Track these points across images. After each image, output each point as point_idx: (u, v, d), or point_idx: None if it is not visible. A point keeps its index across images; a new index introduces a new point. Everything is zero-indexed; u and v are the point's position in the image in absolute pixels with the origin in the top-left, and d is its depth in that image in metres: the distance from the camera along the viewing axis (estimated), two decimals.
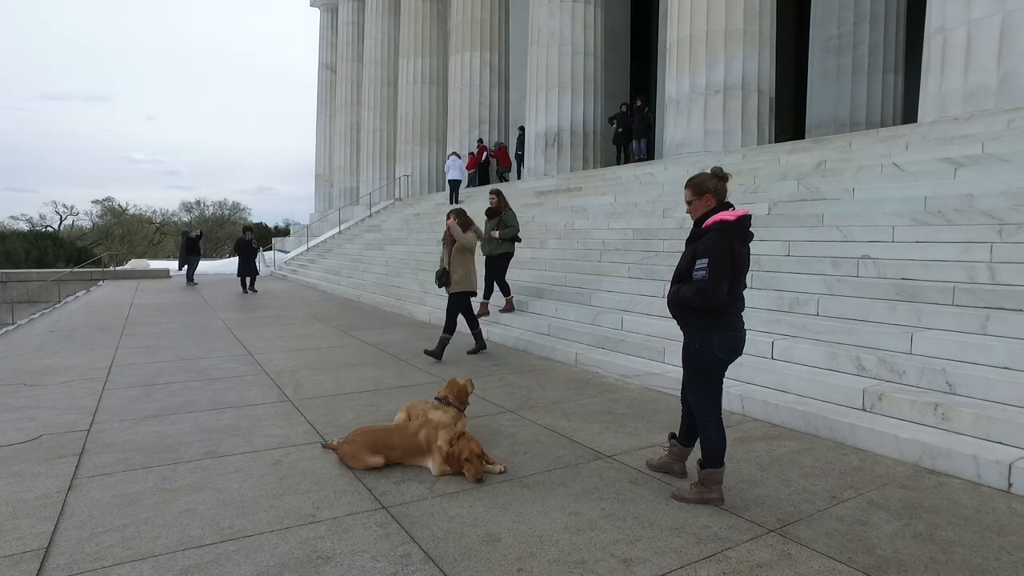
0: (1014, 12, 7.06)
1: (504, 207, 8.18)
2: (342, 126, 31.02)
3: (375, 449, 3.52)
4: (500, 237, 8.03)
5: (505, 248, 8.15)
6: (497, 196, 8.21)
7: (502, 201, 8.19)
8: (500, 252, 8.13)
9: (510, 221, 8.12)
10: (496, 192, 8.27)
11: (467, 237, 6.72)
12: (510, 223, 8.11)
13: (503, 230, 8.05)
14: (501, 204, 8.16)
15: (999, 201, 5.59)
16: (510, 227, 8.09)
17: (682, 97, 11.72)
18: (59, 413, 4.67)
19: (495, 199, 8.19)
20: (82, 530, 2.79)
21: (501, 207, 8.15)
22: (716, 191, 3.05)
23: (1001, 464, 3.23)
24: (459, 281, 6.61)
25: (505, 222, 8.09)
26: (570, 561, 2.52)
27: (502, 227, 8.07)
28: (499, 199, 8.18)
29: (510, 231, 8.08)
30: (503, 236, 8.04)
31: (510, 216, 8.16)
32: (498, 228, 8.07)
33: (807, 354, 4.84)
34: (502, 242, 8.09)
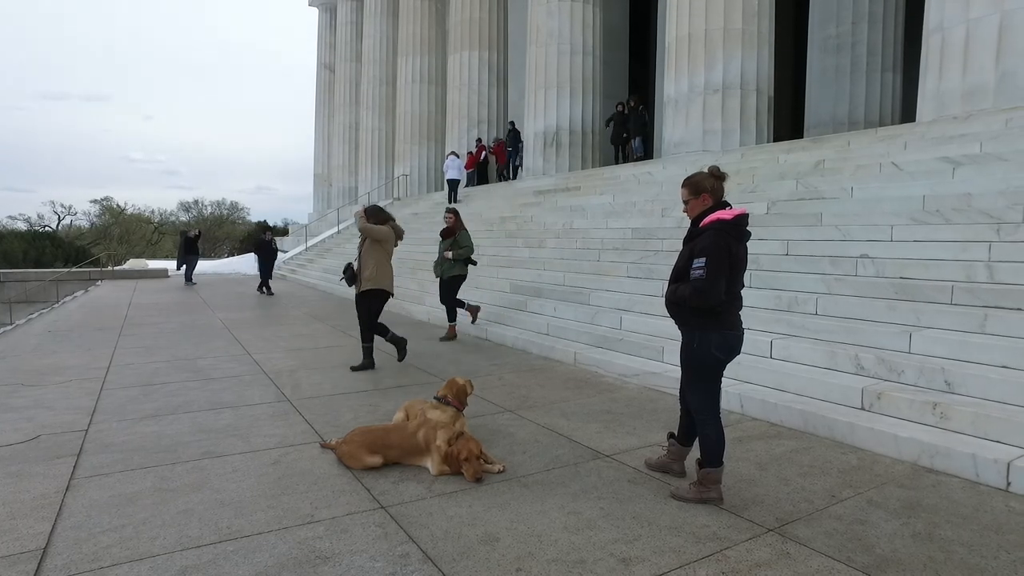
0: (1012, 11, 7.07)
1: (459, 227, 7.82)
2: (341, 126, 30.99)
3: (373, 449, 3.51)
4: (453, 258, 7.65)
5: (458, 270, 7.79)
6: (454, 215, 7.87)
7: (458, 221, 7.84)
8: (453, 274, 7.77)
9: (464, 241, 7.73)
10: (453, 211, 7.92)
11: (376, 229, 6.07)
12: (464, 243, 7.72)
13: (457, 251, 7.65)
14: (456, 224, 7.80)
15: (997, 200, 5.59)
16: (464, 248, 7.70)
17: (681, 96, 11.72)
18: (57, 413, 4.66)
19: (451, 218, 7.83)
20: (80, 530, 2.78)
21: (456, 227, 7.77)
22: (713, 190, 3.05)
23: (999, 463, 3.24)
24: (368, 279, 6.01)
25: (459, 242, 7.70)
26: (569, 561, 2.51)
27: (456, 247, 7.67)
28: (455, 218, 7.83)
29: (464, 252, 7.69)
30: (456, 257, 7.65)
31: (464, 236, 7.78)
32: (452, 248, 7.68)
33: (806, 353, 4.84)
34: (455, 263, 7.71)
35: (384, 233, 6.08)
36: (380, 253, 6.07)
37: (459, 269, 7.76)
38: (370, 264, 6.00)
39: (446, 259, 7.65)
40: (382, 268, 6.05)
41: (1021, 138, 6.49)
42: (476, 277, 10.39)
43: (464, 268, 7.81)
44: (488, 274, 10.33)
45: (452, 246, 7.68)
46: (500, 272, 10.18)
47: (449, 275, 7.73)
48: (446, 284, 7.82)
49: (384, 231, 6.10)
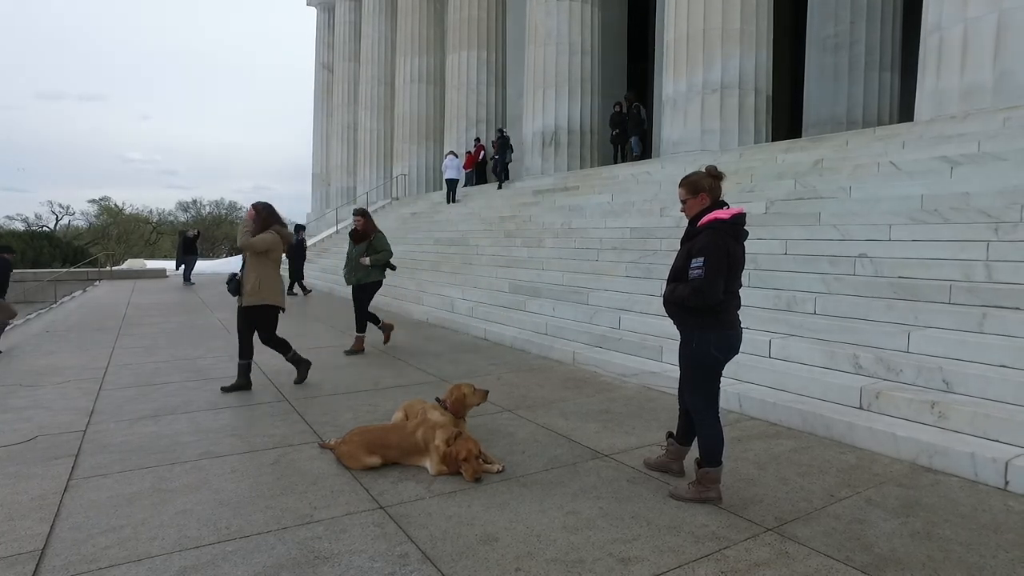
0: (1011, 11, 7.07)
1: (373, 229, 7.17)
2: (339, 125, 30.98)
3: (373, 449, 3.51)
4: (371, 264, 7.02)
5: (375, 276, 7.17)
6: (363, 217, 7.16)
7: (369, 223, 7.18)
8: (370, 281, 7.14)
9: (381, 245, 7.10)
10: (361, 212, 7.21)
11: (258, 241, 5.29)
12: (381, 247, 7.09)
13: (374, 256, 7.02)
14: (369, 226, 7.14)
15: (995, 199, 5.60)
16: (382, 252, 7.08)
17: (679, 96, 11.73)
18: (55, 414, 4.65)
19: (361, 220, 7.13)
20: (78, 531, 2.77)
21: (369, 230, 7.13)
22: (711, 190, 3.05)
23: (998, 462, 3.24)
24: (251, 293, 5.30)
25: (375, 246, 7.07)
26: (568, 560, 2.51)
27: (372, 252, 7.03)
28: (365, 220, 7.15)
29: (382, 256, 7.08)
30: (374, 262, 7.02)
31: (381, 239, 7.15)
32: (368, 253, 7.03)
33: (805, 353, 4.84)
34: (371, 269, 7.07)
35: (269, 243, 5.34)
36: (265, 264, 5.37)
37: (376, 275, 7.17)
38: (252, 276, 5.29)
39: (362, 265, 7.02)
40: (266, 281, 5.33)
41: (1019, 137, 6.50)
42: (475, 276, 10.42)
43: (381, 274, 7.23)
44: (487, 274, 10.34)
45: (368, 251, 7.05)
46: (499, 272, 10.18)
47: (366, 281, 7.14)
48: (361, 291, 7.18)
49: (269, 240, 5.36)
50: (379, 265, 7.13)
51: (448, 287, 10.49)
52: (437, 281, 11.19)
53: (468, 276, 10.65)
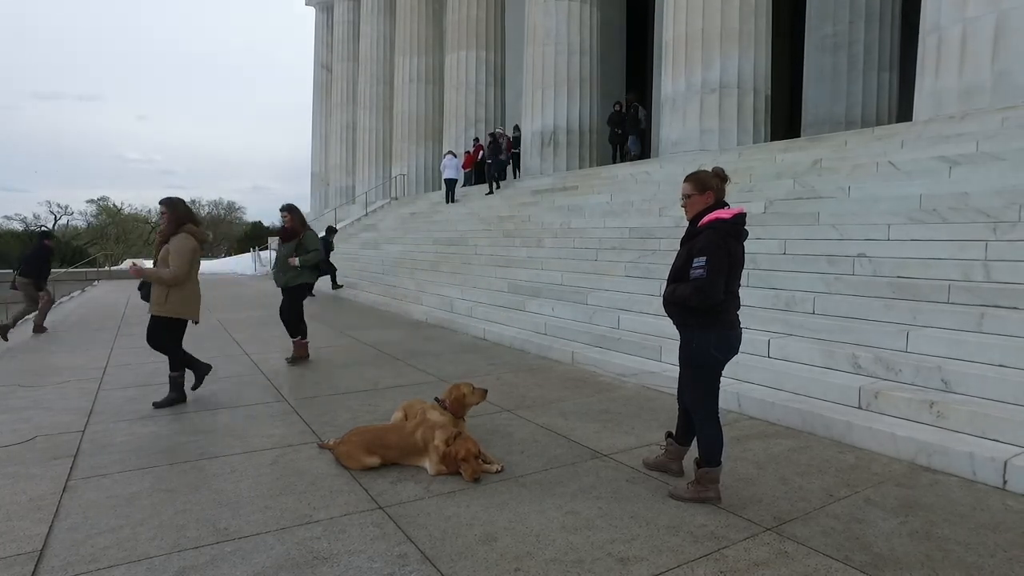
0: (1009, 11, 7.08)
1: (303, 227, 6.66)
2: (338, 125, 30.98)
3: (371, 449, 3.51)
4: (300, 264, 6.49)
5: (305, 278, 6.63)
6: (290, 213, 6.64)
7: (297, 220, 6.65)
8: (298, 283, 6.62)
9: (311, 244, 6.58)
10: (288, 208, 6.68)
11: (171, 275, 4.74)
12: (311, 247, 6.57)
13: (303, 256, 6.50)
14: (296, 224, 6.62)
15: (994, 199, 5.61)
16: (312, 251, 6.56)
17: (678, 96, 11.73)
18: (54, 414, 4.64)
19: (288, 217, 6.62)
20: (77, 532, 2.77)
21: (298, 228, 6.61)
22: (717, 190, 3.07)
23: (996, 461, 3.24)
24: (158, 301, 4.83)
25: (305, 245, 6.55)
26: (567, 560, 2.51)
27: (301, 252, 6.52)
28: (293, 217, 6.62)
29: (312, 257, 6.55)
30: (303, 263, 6.50)
31: (311, 238, 6.63)
32: (297, 253, 6.52)
33: (803, 352, 4.84)
34: (301, 271, 6.54)
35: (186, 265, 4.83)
36: None
37: (306, 277, 6.63)
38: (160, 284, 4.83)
39: (291, 266, 6.50)
40: (175, 291, 4.84)
41: (1017, 137, 6.51)
42: (474, 276, 10.42)
43: (312, 276, 6.70)
44: (486, 273, 10.34)
45: (297, 250, 6.54)
46: (498, 272, 10.18)
47: (295, 283, 6.60)
48: (290, 294, 6.66)
49: (187, 263, 4.83)
50: (309, 266, 6.58)
51: (447, 287, 10.49)
52: (436, 281, 11.19)
53: (467, 276, 10.65)
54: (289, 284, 6.60)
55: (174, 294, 4.84)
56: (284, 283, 6.61)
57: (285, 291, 6.67)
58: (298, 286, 6.64)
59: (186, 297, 4.91)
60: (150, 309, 4.92)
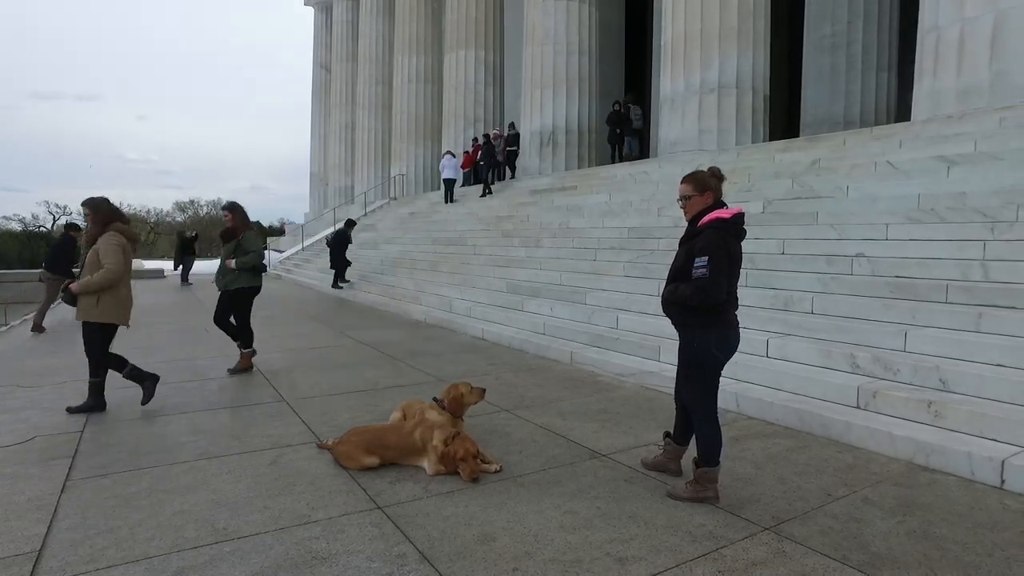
0: (1007, 11, 7.09)
1: (244, 227, 6.16)
2: (337, 125, 30.96)
3: (370, 449, 3.51)
4: (237, 267, 6.00)
5: (245, 281, 6.08)
6: (231, 212, 6.20)
7: (238, 219, 6.16)
8: (237, 287, 6.07)
9: (250, 245, 6.08)
10: (230, 207, 6.23)
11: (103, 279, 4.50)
12: (251, 247, 6.06)
13: (241, 258, 6.01)
14: (237, 224, 6.15)
15: (992, 199, 5.61)
16: (251, 253, 6.04)
17: (677, 96, 11.74)
18: (53, 414, 4.64)
19: (229, 216, 6.19)
20: (75, 532, 2.77)
21: (238, 227, 6.14)
22: (716, 190, 3.07)
23: (994, 461, 3.25)
24: (85, 306, 4.57)
25: (244, 246, 6.06)
26: (565, 560, 2.52)
27: (240, 253, 6.04)
28: (234, 216, 6.16)
29: (250, 259, 6.02)
30: (240, 265, 5.99)
31: (250, 239, 6.13)
32: (235, 254, 6.06)
33: (802, 352, 4.85)
34: (239, 274, 6.04)
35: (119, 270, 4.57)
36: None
37: (246, 280, 6.10)
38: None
39: (229, 268, 6.03)
40: (110, 293, 4.58)
41: (1015, 137, 6.52)
42: (473, 276, 10.42)
43: (254, 279, 6.17)
44: (485, 273, 10.34)
45: (235, 252, 6.06)
46: (496, 271, 10.18)
47: (233, 287, 6.08)
48: (230, 299, 6.15)
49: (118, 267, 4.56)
50: (248, 269, 6.07)
51: (446, 287, 10.49)
52: (435, 281, 11.19)
53: (466, 276, 10.65)
54: (227, 288, 6.11)
55: (106, 298, 4.56)
56: (223, 287, 6.15)
57: (223, 295, 6.17)
58: (238, 291, 6.12)
59: (119, 301, 4.64)
60: (77, 315, 4.62)
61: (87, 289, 4.52)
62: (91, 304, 4.57)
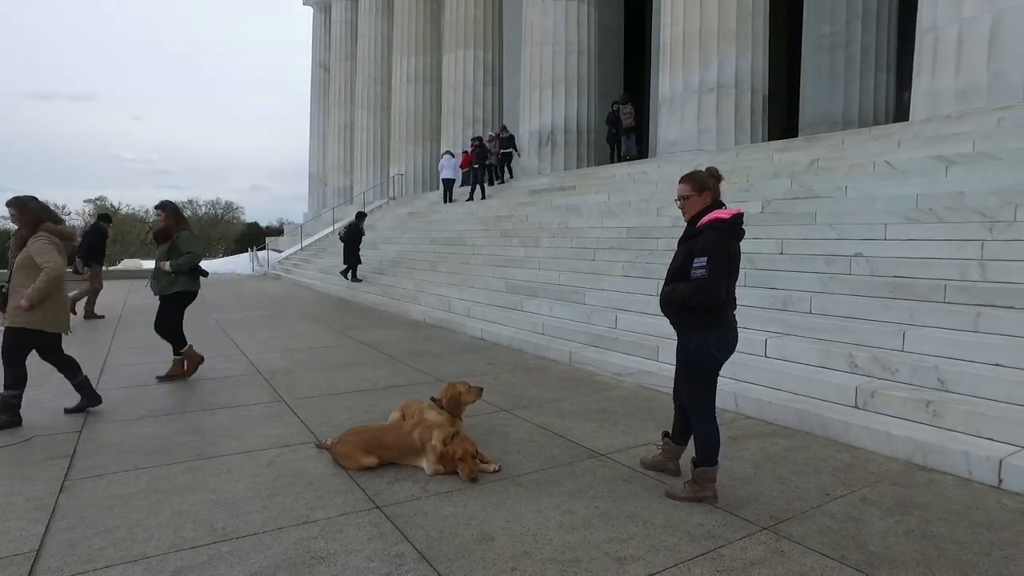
0: (1005, 11, 7.10)
1: (179, 227, 5.76)
2: (336, 125, 30.94)
3: (369, 449, 3.51)
4: (172, 269, 5.60)
5: (182, 285, 5.69)
6: (164, 211, 5.77)
7: (172, 219, 5.75)
8: (175, 291, 5.69)
9: (186, 246, 5.67)
10: (162, 206, 5.80)
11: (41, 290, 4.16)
12: (186, 248, 5.66)
13: (176, 260, 5.61)
14: (171, 223, 5.74)
15: (990, 199, 5.62)
16: (187, 254, 5.62)
17: (676, 95, 11.74)
18: (51, 414, 4.63)
19: (162, 216, 5.77)
20: (73, 532, 2.77)
21: (173, 227, 5.73)
22: (714, 190, 3.07)
23: (992, 460, 3.25)
24: (15, 312, 4.21)
25: (179, 247, 5.66)
26: (564, 560, 2.52)
27: (174, 255, 5.64)
28: (167, 215, 5.75)
29: (185, 261, 5.61)
30: (176, 268, 5.59)
31: (186, 239, 5.71)
32: (169, 256, 5.66)
33: (800, 352, 4.85)
34: (175, 277, 5.66)
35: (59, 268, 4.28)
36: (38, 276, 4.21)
37: (183, 284, 5.72)
38: (21, 292, 4.20)
39: (163, 271, 5.65)
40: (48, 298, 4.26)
41: (1013, 137, 6.52)
42: (472, 276, 10.42)
43: (191, 283, 5.78)
44: (484, 273, 10.34)
45: (170, 253, 5.67)
46: (495, 271, 10.18)
47: (169, 292, 5.70)
48: (166, 304, 5.78)
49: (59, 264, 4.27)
50: (185, 272, 5.68)
51: (445, 287, 10.48)
52: (434, 281, 11.19)
53: (465, 276, 10.64)
54: (163, 292, 5.71)
55: (44, 303, 4.22)
56: (159, 291, 5.74)
57: (161, 300, 5.79)
58: (175, 295, 5.72)
59: (55, 305, 4.32)
60: (4, 320, 4.23)
61: (37, 298, 4.15)
62: (17, 312, 4.18)
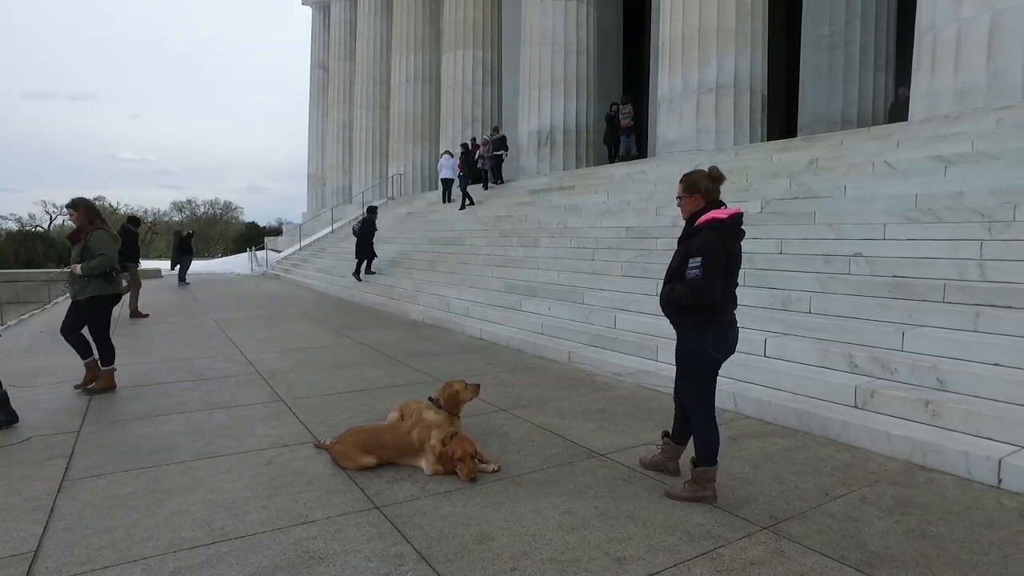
0: (1004, 11, 7.11)
1: (91, 226, 5.22)
2: (335, 125, 30.92)
3: (368, 449, 3.50)
4: (84, 272, 5.12)
5: (96, 289, 5.20)
6: (75, 210, 5.26)
7: (84, 218, 5.23)
8: (89, 295, 5.21)
9: (99, 247, 5.13)
10: (73, 204, 5.28)
11: None
12: (99, 250, 5.12)
13: (88, 262, 5.11)
14: (83, 222, 5.23)
15: (989, 199, 5.62)
16: (99, 256, 5.11)
17: (675, 95, 11.74)
18: (49, 414, 4.63)
19: (74, 215, 5.27)
20: (72, 532, 2.76)
21: (85, 226, 5.22)
22: (707, 192, 3.05)
23: (991, 460, 3.25)
24: None
25: (91, 249, 5.13)
26: (564, 560, 2.51)
27: (88, 256, 5.13)
28: (79, 214, 5.24)
29: (98, 263, 5.09)
30: (87, 271, 5.10)
31: (99, 240, 5.17)
32: (82, 258, 5.16)
33: (800, 352, 4.85)
34: (88, 280, 5.17)
35: None
36: None
37: (97, 288, 5.20)
38: None
39: (76, 275, 5.18)
40: None
41: (1012, 137, 6.53)
42: (471, 276, 10.41)
43: (109, 286, 5.30)
44: (483, 273, 10.33)
45: (83, 255, 5.17)
46: (495, 271, 10.18)
47: (81, 297, 5.21)
48: (81, 308, 5.30)
49: None
50: (98, 275, 5.18)
51: (444, 287, 10.48)
52: (433, 281, 11.18)
53: (464, 276, 10.64)
54: (78, 297, 5.25)
55: None
56: (73, 295, 5.30)
57: (73, 305, 5.34)
58: (91, 300, 5.24)
59: None
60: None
61: None
62: None
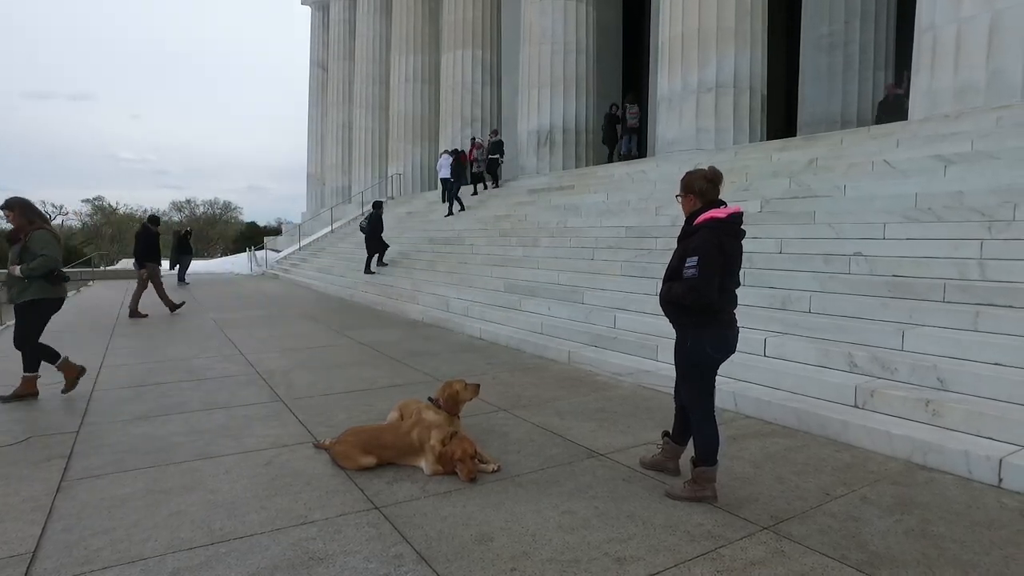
0: (1003, 10, 7.10)
1: (30, 225, 4.94)
2: (334, 124, 30.90)
3: (367, 449, 3.50)
4: (23, 274, 4.82)
5: (36, 292, 4.89)
6: (11, 210, 4.94)
7: (22, 217, 4.94)
8: (28, 299, 4.89)
9: (39, 247, 4.84)
10: (9, 204, 4.95)
11: None
12: (40, 251, 4.83)
13: (28, 264, 4.82)
14: (22, 222, 4.93)
15: (989, 198, 5.62)
16: (41, 257, 4.82)
17: (674, 95, 11.73)
18: (48, 414, 4.62)
19: (11, 215, 4.95)
20: (70, 533, 2.75)
21: (23, 226, 4.93)
22: (702, 192, 3.04)
23: (992, 459, 3.25)
24: None
25: (31, 249, 4.85)
26: (564, 560, 2.51)
27: (28, 257, 4.84)
28: (16, 214, 4.93)
29: (38, 264, 4.80)
30: (27, 273, 4.80)
31: (39, 239, 4.88)
32: (22, 259, 4.87)
33: (800, 351, 4.85)
34: (28, 283, 4.86)
35: None
36: None
37: (38, 290, 4.90)
38: None
39: (16, 277, 4.88)
40: None
41: (1012, 136, 6.52)
42: (471, 276, 10.40)
43: (51, 289, 4.97)
44: (482, 273, 10.32)
45: (22, 256, 4.88)
46: (494, 271, 10.17)
47: (24, 299, 4.91)
48: (20, 313, 5.03)
49: None
50: (39, 276, 4.87)
51: (444, 286, 10.47)
52: (433, 280, 11.17)
53: (464, 275, 10.63)
54: (15, 301, 4.96)
55: None
56: (12, 299, 4.99)
57: (15, 310, 5.05)
58: (30, 303, 4.93)
59: None
60: None
61: None
62: None
